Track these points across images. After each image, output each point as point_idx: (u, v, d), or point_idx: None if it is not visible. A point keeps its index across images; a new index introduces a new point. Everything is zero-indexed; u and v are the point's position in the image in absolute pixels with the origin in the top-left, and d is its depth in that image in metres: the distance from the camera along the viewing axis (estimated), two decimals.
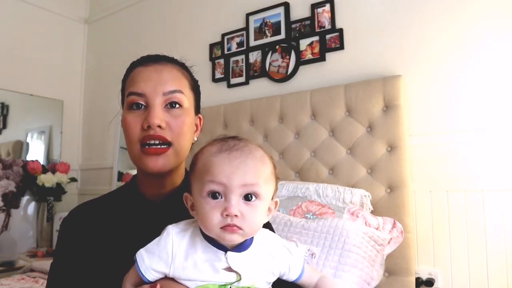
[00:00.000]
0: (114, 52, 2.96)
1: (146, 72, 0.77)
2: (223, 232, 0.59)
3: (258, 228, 0.63)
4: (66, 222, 0.82)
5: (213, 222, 0.59)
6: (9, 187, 2.59)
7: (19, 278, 1.86)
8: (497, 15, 1.54)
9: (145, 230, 0.72)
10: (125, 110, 0.78)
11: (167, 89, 0.76)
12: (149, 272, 0.61)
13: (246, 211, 0.59)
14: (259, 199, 0.60)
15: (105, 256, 0.75)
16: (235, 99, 2.21)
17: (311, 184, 1.71)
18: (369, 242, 1.37)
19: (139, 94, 0.75)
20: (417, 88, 1.69)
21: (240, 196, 0.59)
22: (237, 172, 0.59)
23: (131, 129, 0.75)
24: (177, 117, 0.76)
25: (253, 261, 0.63)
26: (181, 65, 0.83)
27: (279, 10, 2.13)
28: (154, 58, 0.80)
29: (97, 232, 0.78)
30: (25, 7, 2.81)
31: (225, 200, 0.59)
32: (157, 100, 0.75)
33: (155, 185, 0.80)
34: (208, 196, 0.60)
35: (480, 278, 1.49)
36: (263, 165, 0.62)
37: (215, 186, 0.59)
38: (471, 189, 1.54)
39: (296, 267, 0.68)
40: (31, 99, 2.80)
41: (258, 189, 0.60)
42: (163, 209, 0.79)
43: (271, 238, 0.69)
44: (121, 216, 0.80)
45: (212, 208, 0.59)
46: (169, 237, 0.62)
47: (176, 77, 0.78)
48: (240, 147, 0.62)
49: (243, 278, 0.60)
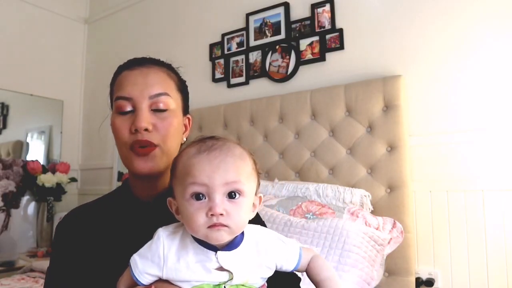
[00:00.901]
0: (114, 52, 2.95)
1: (132, 76, 0.78)
2: (210, 231, 0.59)
3: (244, 224, 0.63)
4: (61, 225, 0.83)
5: (198, 223, 0.58)
6: (9, 187, 2.59)
7: (19, 278, 1.86)
8: (497, 15, 1.54)
9: (138, 231, 0.72)
10: (114, 114, 0.79)
11: (153, 92, 0.76)
12: (143, 276, 0.62)
13: (231, 209, 0.59)
14: (243, 196, 0.61)
15: (100, 258, 0.75)
16: (235, 99, 2.21)
17: (311, 184, 1.71)
18: (369, 242, 1.37)
19: (126, 98, 0.76)
20: (417, 88, 1.69)
21: (223, 194, 0.59)
22: (218, 171, 0.59)
23: (120, 133, 0.77)
24: (164, 119, 0.77)
25: (245, 259, 0.63)
26: (167, 67, 0.84)
27: (279, 10, 2.13)
28: (140, 61, 0.81)
29: (92, 234, 0.79)
30: (25, 7, 2.81)
31: (209, 200, 0.59)
32: (144, 103, 0.76)
33: (146, 187, 0.80)
34: (192, 198, 0.60)
35: (480, 278, 1.49)
36: (243, 162, 0.62)
37: (197, 187, 0.59)
38: (471, 189, 1.54)
39: (293, 257, 0.68)
40: (31, 99, 2.80)
41: (240, 186, 0.60)
42: (155, 210, 0.79)
43: (262, 233, 0.68)
44: (114, 218, 0.80)
45: (196, 210, 0.59)
46: (159, 241, 0.63)
47: (161, 80, 0.79)
48: (219, 146, 0.62)
49: (235, 276, 0.61)
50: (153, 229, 0.66)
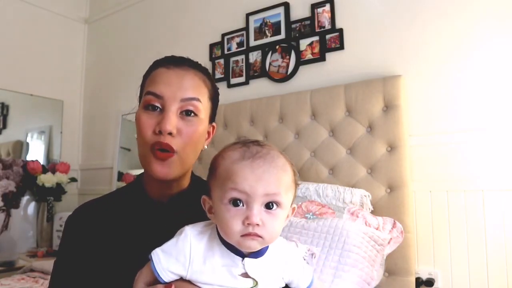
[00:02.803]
0: (114, 52, 2.95)
1: (167, 75, 0.76)
2: (243, 239, 0.59)
3: (277, 235, 0.63)
4: (71, 220, 0.82)
5: (234, 230, 0.59)
6: (9, 187, 2.59)
7: (19, 278, 1.86)
8: (497, 15, 1.54)
9: (150, 230, 0.72)
10: (141, 108, 0.77)
11: (186, 95, 0.75)
12: (166, 273, 0.61)
13: (267, 220, 0.59)
14: (280, 208, 0.61)
15: (110, 255, 0.75)
16: (235, 99, 2.21)
17: (311, 184, 1.71)
18: (369, 242, 1.37)
19: (157, 95, 0.75)
20: (417, 88, 1.69)
21: (261, 205, 0.59)
22: (260, 181, 0.59)
23: (144, 131, 0.75)
24: (190, 125, 0.75)
25: (269, 267, 0.63)
26: (204, 72, 0.82)
27: (279, 10, 2.13)
28: (178, 61, 0.80)
29: (102, 230, 0.78)
30: (25, 7, 2.81)
31: (247, 209, 0.59)
32: (174, 106, 0.74)
33: (161, 187, 0.80)
34: (230, 203, 0.60)
35: (480, 278, 1.49)
36: (284, 173, 0.62)
37: (237, 194, 0.59)
38: (471, 189, 1.53)
39: (306, 277, 0.69)
40: (31, 99, 2.80)
41: (279, 198, 0.60)
42: (169, 210, 0.79)
43: (286, 245, 0.69)
44: (126, 216, 0.80)
45: (233, 216, 0.59)
46: (187, 239, 0.62)
47: (196, 85, 0.78)
48: (263, 154, 0.61)
49: (260, 284, 0.61)
50: (165, 230, 0.66)
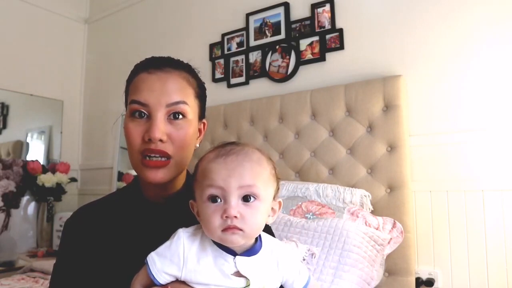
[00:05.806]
0: (114, 52, 2.96)
1: (149, 81, 0.74)
2: (224, 234, 0.60)
3: (259, 228, 0.63)
4: (69, 223, 0.82)
5: (214, 225, 0.60)
6: (9, 187, 2.59)
7: (19, 278, 1.86)
8: (497, 16, 1.54)
9: (148, 232, 0.72)
10: (128, 117, 0.76)
11: (171, 100, 0.73)
12: (161, 275, 0.62)
13: (246, 212, 0.60)
14: (259, 200, 0.62)
15: (108, 257, 0.75)
16: (235, 99, 2.21)
17: (311, 184, 1.71)
18: (369, 242, 1.37)
19: (141, 103, 0.73)
20: (417, 88, 1.69)
21: (238, 198, 0.60)
22: (233, 174, 0.61)
23: (133, 139, 0.74)
24: (179, 129, 0.74)
25: (262, 266, 0.64)
26: (187, 70, 0.80)
27: (279, 10, 2.13)
28: (158, 63, 0.77)
29: (100, 233, 0.78)
30: (25, 7, 2.81)
31: (224, 203, 0.60)
32: (160, 112, 0.73)
33: (156, 189, 0.80)
34: (208, 201, 0.61)
35: (480, 278, 1.49)
36: (259, 166, 0.63)
37: (214, 190, 0.61)
38: (471, 189, 1.54)
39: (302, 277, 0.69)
40: (31, 99, 2.80)
41: (256, 190, 0.61)
42: (165, 211, 0.79)
43: (280, 244, 0.70)
44: (124, 218, 0.80)
45: (212, 212, 0.60)
46: (180, 241, 0.63)
47: (180, 87, 0.76)
48: (237, 151, 0.63)
49: (252, 283, 0.61)
50: (163, 231, 0.66)
